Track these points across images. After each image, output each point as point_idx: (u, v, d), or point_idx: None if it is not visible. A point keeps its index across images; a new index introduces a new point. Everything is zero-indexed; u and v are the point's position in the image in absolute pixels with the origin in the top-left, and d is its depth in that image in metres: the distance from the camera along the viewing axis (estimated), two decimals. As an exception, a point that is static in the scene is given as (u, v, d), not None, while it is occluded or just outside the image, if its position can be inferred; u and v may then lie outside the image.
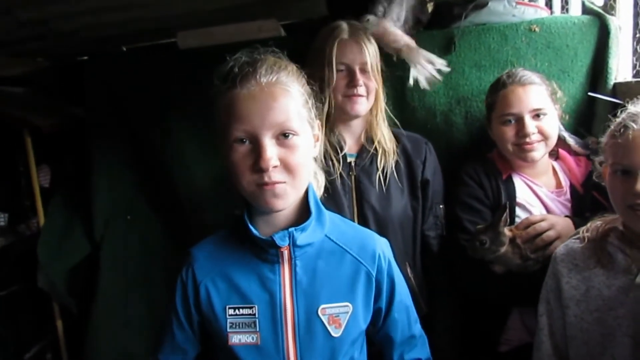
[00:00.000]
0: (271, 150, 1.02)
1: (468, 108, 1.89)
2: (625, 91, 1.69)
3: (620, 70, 1.82)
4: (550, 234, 1.47)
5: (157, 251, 2.10)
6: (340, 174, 1.57)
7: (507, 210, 1.47)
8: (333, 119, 1.58)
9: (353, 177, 1.59)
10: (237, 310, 1.10)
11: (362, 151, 1.62)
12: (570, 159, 1.68)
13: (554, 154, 1.71)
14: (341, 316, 1.10)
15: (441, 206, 1.67)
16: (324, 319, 1.09)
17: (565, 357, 1.26)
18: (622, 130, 1.17)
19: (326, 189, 1.50)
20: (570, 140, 1.68)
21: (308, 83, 1.13)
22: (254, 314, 1.09)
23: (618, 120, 1.21)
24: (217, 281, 1.12)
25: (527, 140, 1.56)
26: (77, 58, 2.43)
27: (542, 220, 1.49)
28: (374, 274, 1.14)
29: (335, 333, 1.10)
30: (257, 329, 1.09)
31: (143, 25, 2.06)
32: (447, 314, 1.64)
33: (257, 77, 1.04)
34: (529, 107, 1.57)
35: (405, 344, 1.22)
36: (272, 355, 1.09)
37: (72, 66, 2.35)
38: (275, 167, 1.03)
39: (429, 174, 1.63)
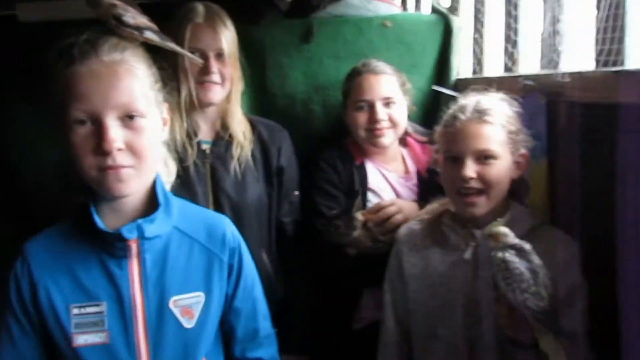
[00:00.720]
0: (115, 132, 0.97)
1: (326, 97, 1.94)
2: (465, 87, 1.83)
3: (461, 67, 1.99)
4: (398, 217, 1.57)
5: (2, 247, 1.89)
6: (195, 161, 1.52)
7: (360, 196, 1.55)
8: (187, 104, 1.51)
9: (208, 165, 1.55)
10: (82, 309, 1.02)
11: (217, 138, 1.59)
12: (416, 146, 1.79)
13: (402, 142, 1.82)
14: (194, 307, 1.08)
15: (296, 192, 1.70)
16: (176, 311, 1.07)
17: (407, 331, 1.36)
18: (451, 120, 1.29)
19: (179, 177, 1.43)
20: (409, 128, 1.79)
21: (161, 67, 1.09)
22: (102, 312, 1.03)
23: (449, 111, 1.32)
24: (59, 278, 1.03)
25: (378, 126, 1.66)
26: None
27: (391, 204, 1.59)
28: (226, 260, 1.13)
29: (189, 324, 1.07)
30: (106, 328, 1.02)
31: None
32: (304, 296, 1.69)
33: (99, 54, 0.98)
34: (380, 95, 1.67)
35: (248, 340, 1.20)
36: (122, 354, 1.03)
37: None
38: (120, 150, 0.97)
39: (284, 161, 1.65)
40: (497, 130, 1.25)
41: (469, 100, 1.30)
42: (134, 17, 1.04)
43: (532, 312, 1.00)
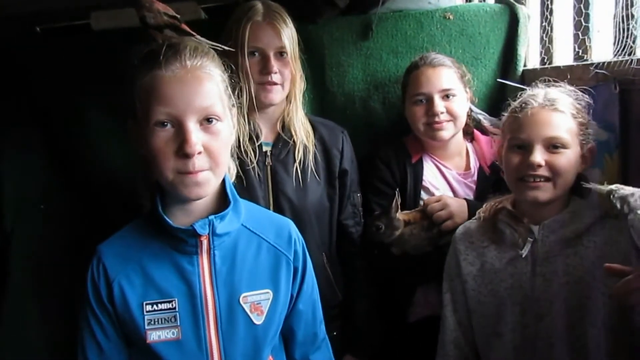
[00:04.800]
0: (196, 136, 1.01)
1: (386, 94, 1.91)
2: (532, 77, 1.76)
3: (529, 57, 1.91)
4: (442, 214, 1.54)
5: (77, 244, 1.99)
6: (256, 163, 1.50)
7: (397, 196, 1.57)
8: (248, 106, 1.49)
9: (268, 168, 1.53)
10: (155, 306, 1.06)
11: (278, 140, 1.56)
12: (484, 140, 1.74)
13: (469, 136, 1.77)
14: (262, 303, 1.10)
15: (359, 194, 1.67)
16: (246, 307, 1.09)
17: (468, 331, 1.34)
18: (522, 106, 1.26)
19: (240, 179, 1.44)
20: (486, 122, 1.73)
21: (225, 69, 1.11)
22: (174, 308, 1.06)
23: (519, 99, 1.29)
24: (132, 277, 1.07)
25: (437, 119, 1.63)
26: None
27: (437, 201, 1.58)
28: (292, 259, 1.15)
29: (258, 320, 1.09)
30: (178, 323, 1.06)
31: (57, 5, 1.95)
32: (366, 297, 1.65)
33: (182, 59, 1.02)
34: (438, 87, 1.64)
35: (308, 344, 1.21)
36: (193, 349, 1.06)
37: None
38: (199, 153, 1.01)
39: (347, 163, 1.62)
40: (568, 119, 1.23)
41: (538, 90, 1.29)
42: (154, 16, 1.07)
43: None
